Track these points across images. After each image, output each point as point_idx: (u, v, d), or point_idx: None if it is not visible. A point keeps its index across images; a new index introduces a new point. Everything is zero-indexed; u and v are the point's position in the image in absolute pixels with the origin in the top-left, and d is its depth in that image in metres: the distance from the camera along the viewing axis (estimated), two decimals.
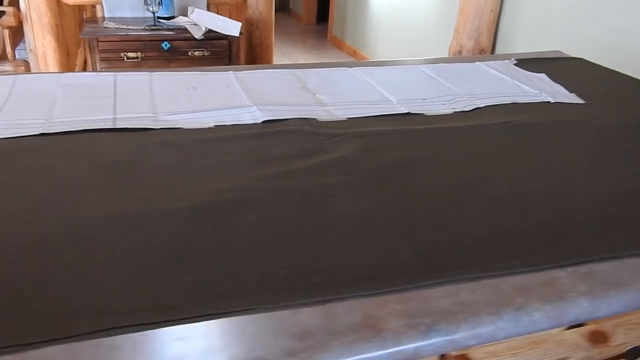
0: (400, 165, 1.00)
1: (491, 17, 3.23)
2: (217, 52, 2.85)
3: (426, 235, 0.79)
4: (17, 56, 3.21)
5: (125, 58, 2.73)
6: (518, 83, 1.50)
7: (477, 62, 1.66)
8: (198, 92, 1.28)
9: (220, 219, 0.79)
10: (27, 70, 3.11)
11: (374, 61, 1.63)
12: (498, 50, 3.36)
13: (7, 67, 3.17)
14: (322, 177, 0.93)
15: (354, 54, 5.19)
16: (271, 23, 3.32)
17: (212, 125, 1.12)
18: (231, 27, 2.82)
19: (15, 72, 3.23)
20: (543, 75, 1.58)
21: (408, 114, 1.27)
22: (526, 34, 3.17)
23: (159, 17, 2.92)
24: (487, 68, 1.61)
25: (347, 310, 0.65)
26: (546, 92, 1.45)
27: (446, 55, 3.62)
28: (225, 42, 2.85)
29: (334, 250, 0.74)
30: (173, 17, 2.95)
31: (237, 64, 2.96)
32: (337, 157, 1.01)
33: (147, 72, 1.38)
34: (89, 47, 2.68)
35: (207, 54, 2.83)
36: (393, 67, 1.59)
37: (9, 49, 3.13)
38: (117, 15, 2.95)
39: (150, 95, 1.23)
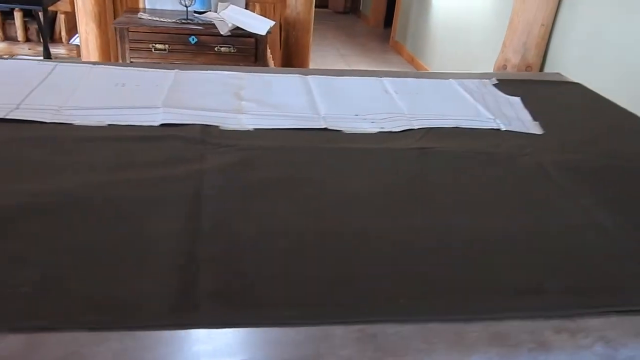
0: (256, 185, 0.93)
1: (541, 32, 3.00)
2: (243, 49, 2.86)
3: (216, 266, 0.72)
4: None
5: (153, 49, 2.81)
6: (479, 106, 1.36)
7: (450, 80, 1.53)
8: (123, 89, 1.28)
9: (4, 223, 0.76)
10: (79, 55, 3.29)
11: (338, 70, 1.55)
12: (547, 68, 3.12)
13: (61, 50, 3.36)
14: (159, 190, 0.88)
15: (412, 60, 5.03)
16: (309, 24, 3.29)
17: (106, 124, 1.11)
18: (259, 26, 2.82)
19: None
20: (516, 100, 1.43)
21: (325, 129, 1.19)
22: (579, 52, 2.91)
23: (195, 11, 2.98)
24: (456, 86, 1.48)
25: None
26: (504, 117, 1.30)
27: (491, 70, 3.42)
28: (252, 40, 2.85)
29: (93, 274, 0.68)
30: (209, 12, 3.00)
31: (265, 63, 2.95)
32: (197, 170, 0.96)
33: (90, 65, 1.40)
34: (120, 37, 2.78)
35: (233, 50, 2.85)
36: (353, 77, 1.50)
37: (64, 34, 3.32)
38: (157, 7, 3.05)
39: (72, 88, 1.25)
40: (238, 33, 2.82)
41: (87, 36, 3.03)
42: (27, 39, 3.51)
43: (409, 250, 0.77)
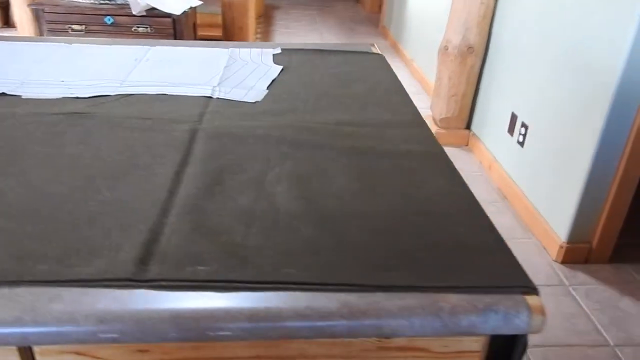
0: None
1: (481, 11, 2.78)
2: (160, 29, 2.78)
3: None
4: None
5: (70, 30, 2.76)
6: (217, 75, 1.19)
7: (230, 49, 1.36)
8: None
9: None
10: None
11: (98, 39, 1.44)
12: (492, 51, 2.89)
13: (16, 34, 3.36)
14: None
15: (394, 46, 4.83)
16: (246, 6, 3.17)
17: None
18: (174, 6, 2.73)
19: None
20: (276, 69, 1.24)
21: (2, 94, 1.09)
22: (524, 29, 2.69)
23: None
24: (224, 56, 1.31)
25: None
26: (239, 87, 1.13)
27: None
28: (169, 20, 2.76)
29: None
30: None
31: None
32: None
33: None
34: (36, 17, 2.75)
35: (150, 31, 2.77)
36: (114, 46, 1.38)
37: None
38: None
39: None
40: (155, 13, 2.74)
41: (22, 20, 3.02)
42: None
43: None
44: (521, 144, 2.46)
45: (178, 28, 2.78)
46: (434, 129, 3.08)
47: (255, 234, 0.65)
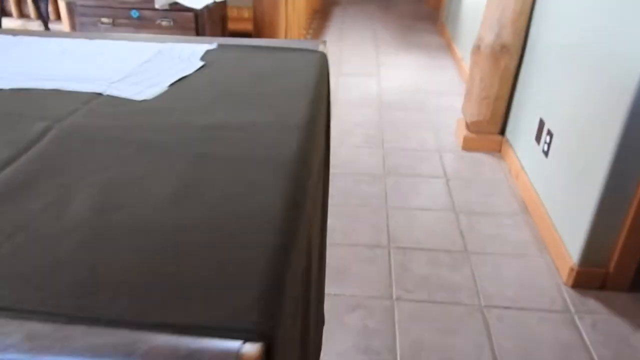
0: None
1: (517, 7, 2.56)
2: (182, 23, 2.79)
3: None
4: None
5: (99, 23, 2.84)
6: (123, 70, 1.12)
7: (170, 43, 1.29)
8: None
9: None
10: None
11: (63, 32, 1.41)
12: (528, 51, 2.67)
13: (62, 27, 3.53)
14: None
15: (449, 44, 4.61)
16: (277, 0, 3.13)
17: None
18: (196, 0, 2.73)
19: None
20: (193, 67, 1.15)
21: None
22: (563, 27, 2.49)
23: None
24: (147, 50, 1.24)
25: None
26: (130, 84, 1.06)
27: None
28: (191, 14, 2.77)
29: None
30: None
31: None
32: None
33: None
34: (69, 11, 2.85)
35: (172, 24, 2.80)
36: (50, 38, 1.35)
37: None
38: None
39: None
40: (178, 7, 2.75)
41: (63, 16, 3.15)
42: (40, 17, 3.76)
43: None
44: (545, 153, 2.24)
45: (200, 22, 2.78)
46: (463, 133, 2.89)
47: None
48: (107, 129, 0.88)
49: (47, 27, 3.60)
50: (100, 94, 1.02)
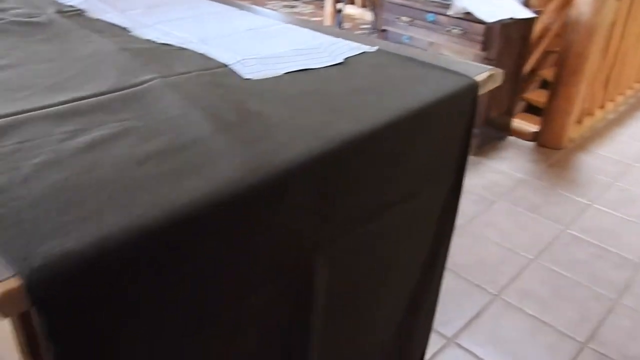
0: None
1: None
2: (469, 34, 2.70)
3: None
4: None
5: (398, 21, 2.98)
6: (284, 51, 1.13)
7: (335, 38, 1.25)
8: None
9: None
10: None
11: None
12: None
13: None
14: None
15: None
16: (593, 31, 2.74)
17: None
18: (490, 13, 2.61)
19: None
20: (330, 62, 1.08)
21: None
22: None
23: None
24: (319, 39, 1.22)
25: None
26: (261, 63, 1.08)
27: None
28: (481, 27, 2.66)
29: None
30: None
31: (494, 57, 2.68)
32: None
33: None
34: (374, 6, 3.07)
35: (461, 33, 2.74)
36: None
37: None
38: None
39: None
40: (471, 17, 2.69)
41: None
42: None
43: None
44: None
45: (488, 36, 2.65)
46: None
47: None
48: (191, 91, 0.97)
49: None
50: (225, 66, 1.11)
